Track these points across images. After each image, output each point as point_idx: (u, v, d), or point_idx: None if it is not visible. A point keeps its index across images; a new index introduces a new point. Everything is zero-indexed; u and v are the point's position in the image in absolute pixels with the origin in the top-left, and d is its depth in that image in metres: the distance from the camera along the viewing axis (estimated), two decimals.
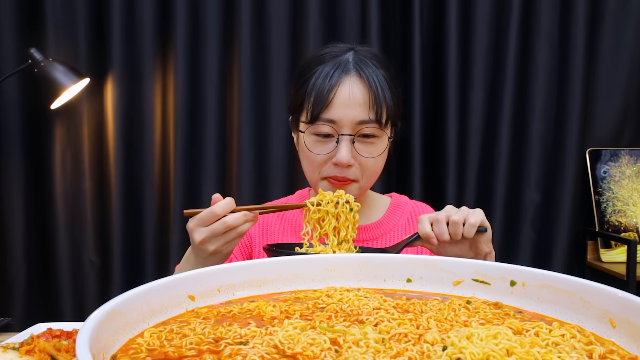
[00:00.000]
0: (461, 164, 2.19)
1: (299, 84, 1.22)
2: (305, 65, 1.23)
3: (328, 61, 1.18)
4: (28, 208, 2.17)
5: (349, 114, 1.14)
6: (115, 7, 2.10)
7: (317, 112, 1.15)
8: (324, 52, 1.22)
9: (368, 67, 1.17)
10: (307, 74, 1.20)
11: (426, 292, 0.83)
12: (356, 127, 1.15)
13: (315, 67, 1.19)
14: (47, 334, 0.81)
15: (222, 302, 0.76)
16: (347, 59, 1.19)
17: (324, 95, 1.14)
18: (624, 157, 2.28)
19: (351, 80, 1.16)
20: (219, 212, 1.01)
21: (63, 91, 1.95)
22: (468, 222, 1.04)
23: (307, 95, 1.17)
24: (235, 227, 1.02)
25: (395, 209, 1.36)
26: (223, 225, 1.01)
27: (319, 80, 1.16)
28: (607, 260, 2.23)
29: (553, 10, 2.18)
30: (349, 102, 1.14)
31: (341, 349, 0.57)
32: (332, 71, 1.16)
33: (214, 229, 1.01)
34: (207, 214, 1.02)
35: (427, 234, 1.06)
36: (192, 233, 1.03)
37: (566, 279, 0.72)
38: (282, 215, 1.35)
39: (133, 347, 0.60)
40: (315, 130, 1.17)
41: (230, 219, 1.01)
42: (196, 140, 2.17)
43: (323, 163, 1.18)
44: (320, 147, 1.17)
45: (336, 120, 1.14)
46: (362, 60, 1.19)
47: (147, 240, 2.20)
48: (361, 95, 1.15)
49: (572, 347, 0.59)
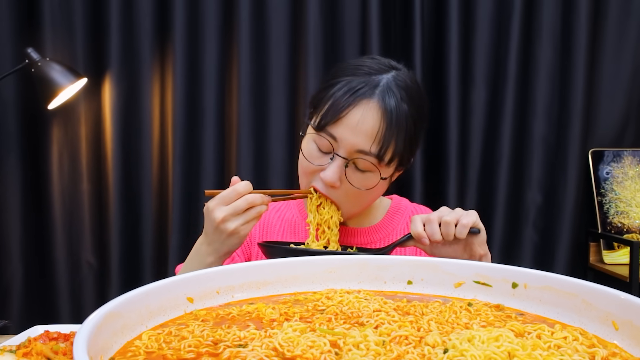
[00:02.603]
0: (462, 165, 2.19)
1: (324, 85, 1.18)
2: (339, 69, 1.19)
3: (360, 75, 1.13)
4: (25, 209, 2.16)
5: (352, 139, 1.10)
6: (113, 7, 2.09)
7: (324, 123, 1.12)
8: (362, 65, 1.16)
9: (393, 98, 1.11)
10: (336, 79, 1.16)
11: (427, 294, 0.82)
12: (354, 153, 1.12)
13: (346, 77, 1.14)
14: (45, 337, 0.80)
15: (221, 304, 0.76)
16: (379, 82, 1.12)
17: (337, 109, 1.11)
18: (627, 157, 2.27)
19: (369, 106, 1.10)
20: (241, 190, 1.05)
21: (60, 91, 1.94)
22: (460, 223, 1.04)
23: (325, 100, 1.14)
24: (255, 206, 1.06)
25: (395, 212, 1.35)
26: (245, 202, 1.05)
27: (340, 92, 1.12)
28: (609, 262, 2.22)
29: (555, 8, 2.17)
30: (357, 128, 1.10)
31: (341, 352, 0.57)
32: (356, 88, 1.11)
33: (236, 205, 1.04)
34: (229, 192, 1.05)
35: (419, 234, 1.06)
36: (213, 212, 1.05)
37: (568, 280, 0.72)
38: (282, 216, 1.35)
39: (131, 350, 0.59)
40: (316, 140, 1.15)
41: (251, 197, 1.06)
42: (195, 141, 2.17)
43: (313, 173, 1.16)
44: (317, 158, 1.15)
45: (338, 139, 1.11)
46: (390, 89, 1.12)
47: (146, 241, 2.19)
48: (372, 124, 1.10)
49: (575, 349, 0.59)
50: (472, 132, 2.19)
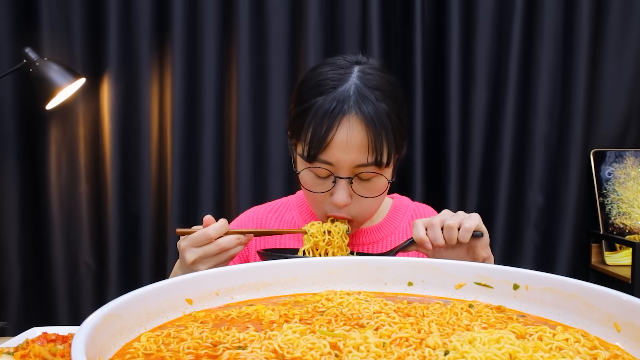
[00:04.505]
0: (463, 165, 2.18)
1: (297, 111, 1.16)
2: (303, 89, 1.16)
3: (328, 92, 1.11)
4: (23, 210, 2.15)
5: (347, 157, 1.10)
6: (112, 6, 2.08)
7: (314, 154, 1.11)
8: (324, 79, 1.14)
9: (369, 104, 1.10)
10: (305, 103, 1.14)
11: (428, 295, 0.82)
12: (354, 170, 1.11)
13: (315, 98, 1.12)
14: (43, 338, 0.80)
15: (221, 306, 0.75)
16: (348, 92, 1.10)
17: (321, 135, 1.09)
18: (629, 158, 2.27)
19: (350, 122, 1.09)
20: (212, 235, 1.02)
21: (58, 91, 1.93)
22: (463, 227, 1.03)
23: (305, 129, 1.12)
24: (227, 250, 1.03)
25: (397, 211, 1.35)
26: (216, 247, 1.02)
27: (318, 117, 1.10)
28: (611, 263, 2.22)
29: (557, 8, 2.17)
30: (347, 146, 1.09)
31: (341, 354, 0.57)
32: (331, 108, 1.09)
33: (206, 250, 1.02)
34: (200, 235, 1.02)
35: (421, 239, 1.05)
36: (184, 253, 1.03)
37: (570, 282, 0.72)
38: (281, 217, 1.34)
39: (130, 352, 0.59)
40: (313, 170, 1.14)
41: (224, 242, 1.03)
42: (194, 142, 2.16)
43: (323, 200, 1.16)
44: (319, 186, 1.15)
45: (333, 163, 1.11)
46: (362, 94, 1.10)
47: (144, 243, 2.19)
48: (360, 138, 1.09)
49: (576, 351, 0.58)
50: (473, 133, 2.19)
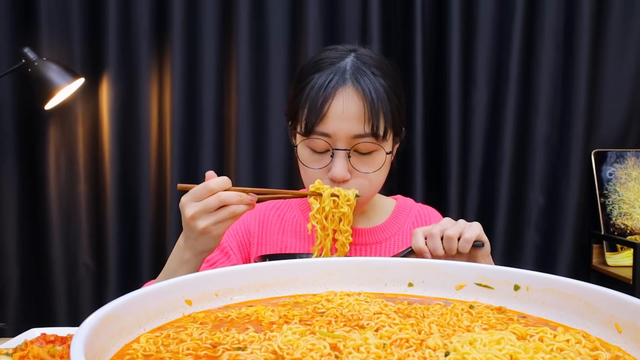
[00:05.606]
0: (464, 166, 2.18)
1: (295, 92, 1.19)
2: (302, 72, 1.20)
3: (325, 69, 1.15)
4: (21, 210, 2.14)
5: (344, 127, 1.11)
6: (111, 6, 2.08)
7: (311, 125, 1.12)
8: (322, 58, 1.18)
9: (366, 77, 1.13)
10: (303, 82, 1.17)
11: (428, 296, 0.82)
12: (351, 141, 1.12)
13: (312, 75, 1.15)
14: (41, 339, 0.80)
15: (220, 307, 0.75)
16: (345, 67, 1.14)
17: (317, 107, 1.11)
18: (630, 158, 2.27)
19: (346, 92, 1.12)
20: (213, 187, 0.99)
21: (57, 91, 1.93)
22: (463, 237, 1.02)
23: (302, 105, 1.15)
24: (228, 205, 0.99)
25: (400, 212, 1.35)
26: (216, 200, 0.98)
27: (314, 90, 1.13)
28: (612, 264, 2.21)
29: (557, 8, 2.16)
30: (344, 115, 1.11)
31: (341, 355, 0.57)
32: (327, 81, 1.12)
33: (206, 203, 0.98)
34: (201, 188, 1.00)
35: (421, 249, 1.04)
36: (184, 207, 1.00)
37: (571, 283, 0.72)
38: (283, 215, 1.33)
39: (129, 353, 0.59)
40: (310, 144, 1.15)
41: (224, 195, 0.99)
42: (193, 142, 2.16)
43: (322, 178, 1.15)
44: (316, 161, 1.15)
45: (330, 134, 1.12)
46: (360, 68, 1.14)
47: (144, 243, 2.18)
48: (356, 107, 1.11)
49: (577, 352, 0.58)
50: (474, 133, 2.19)
